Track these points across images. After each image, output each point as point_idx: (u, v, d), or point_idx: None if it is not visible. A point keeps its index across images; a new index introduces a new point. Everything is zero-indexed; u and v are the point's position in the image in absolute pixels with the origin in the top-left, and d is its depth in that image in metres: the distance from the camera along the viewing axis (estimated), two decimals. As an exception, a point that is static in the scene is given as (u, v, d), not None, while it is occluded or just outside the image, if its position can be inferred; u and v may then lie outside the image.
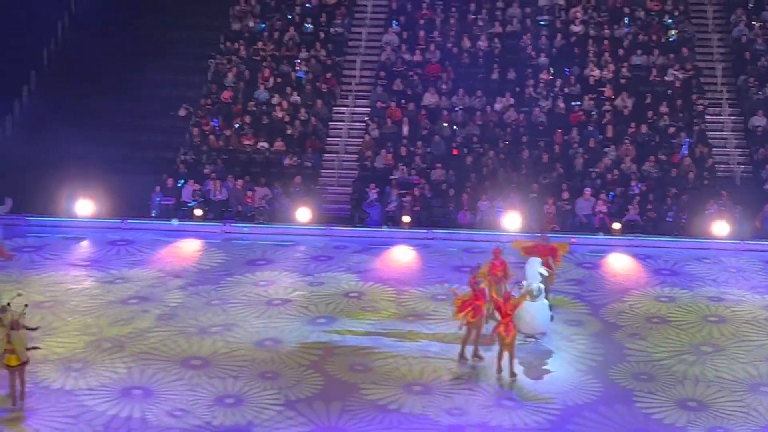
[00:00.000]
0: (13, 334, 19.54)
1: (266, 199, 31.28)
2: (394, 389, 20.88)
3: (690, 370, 21.89)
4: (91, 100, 34.52)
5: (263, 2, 37.76)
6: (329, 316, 24.32)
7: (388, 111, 34.11)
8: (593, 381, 21.52)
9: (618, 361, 22.33)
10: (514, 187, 31.16)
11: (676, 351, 22.80)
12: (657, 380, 21.54)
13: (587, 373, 21.86)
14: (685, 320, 24.40)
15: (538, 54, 35.46)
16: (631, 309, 25.00)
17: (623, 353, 22.72)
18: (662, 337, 23.46)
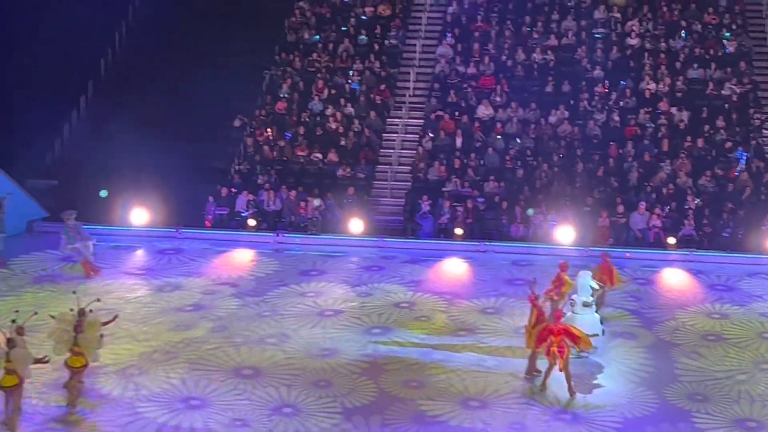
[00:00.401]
0: (80, 337, 19.80)
1: (319, 209, 31.38)
2: (452, 404, 20.73)
3: (744, 388, 21.57)
4: (146, 110, 34.77)
5: (318, 14, 37.96)
6: (383, 326, 24.29)
7: (442, 123, 34.10)
8: (648, 394, 21.24)
9: (671, 378, 22.04)
10: (568, 200, 31.01)
11: (731, 369, 22.48)
12: (712, 399, 21.21)
13: (640, 385, 21.58)
14: (739, 337, 24.07)
15: (593, 67, 35.29)
16: (685, 325, 24.71)
17: (676, 370, 22.44)
18: (718, 354, 23.13)
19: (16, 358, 18.64)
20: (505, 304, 25.74)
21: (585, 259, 28.43)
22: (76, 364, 19.80)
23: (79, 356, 19.73)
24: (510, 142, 33.37)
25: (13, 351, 18.69)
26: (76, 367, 19.82)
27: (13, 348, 18.71)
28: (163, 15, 38.47)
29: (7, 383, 18.69)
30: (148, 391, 20.94)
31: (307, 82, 35.75)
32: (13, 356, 18.63)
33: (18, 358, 18.69)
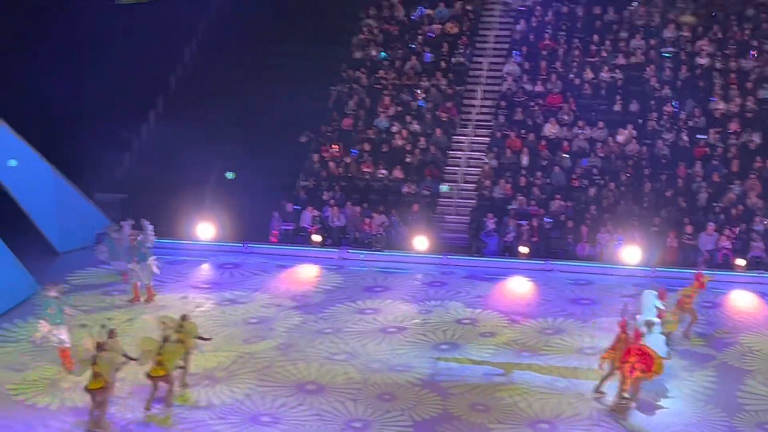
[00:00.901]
0: (167, 346, 20.43)
1: (384, 226, 31.41)
2: (520, 427, 20.60)
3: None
4: (214, 125, 35.15)
5: (386, 31, 38.08)
6: (450, 342, 24.26)
7: (508, 141, 33.98)
8: (713, 419, 20.92)
9: (737, 404, 21.68)
10: (635, 220, 30.71)
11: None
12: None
13: (705, 409, 21.27)
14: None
15: (662, 86, 34.97)
16: (752, 350, 24.31)
17: (742, 395, 22.07)
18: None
19: (102, 362, 19.49)
20: (570, 324, 25.53)
21: (651, 280, 28.26)
22: (158, 372, 20.45)
23: (160, 366, 20.41)
24: (577, 161, 33.16)
25: (100, 355, 19.58)
26: (159, 375, 20.49)
27: (102, 352, 19.60)
28: (232, 31, 38.85)
29: (94, 386, 19.57)
30: (217, 404, 21.06)
31: (373, 98, 35.87)
32: (100, 361, 19.48)
33: (105, 362, 19.55)
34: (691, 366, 23.18)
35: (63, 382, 21.89)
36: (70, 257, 30.00)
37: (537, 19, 37.78)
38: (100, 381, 19.63)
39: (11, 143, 28.88)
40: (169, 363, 20.51)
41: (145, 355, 20.60)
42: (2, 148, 28.66)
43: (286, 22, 38.82)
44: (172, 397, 20.79)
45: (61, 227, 30.45)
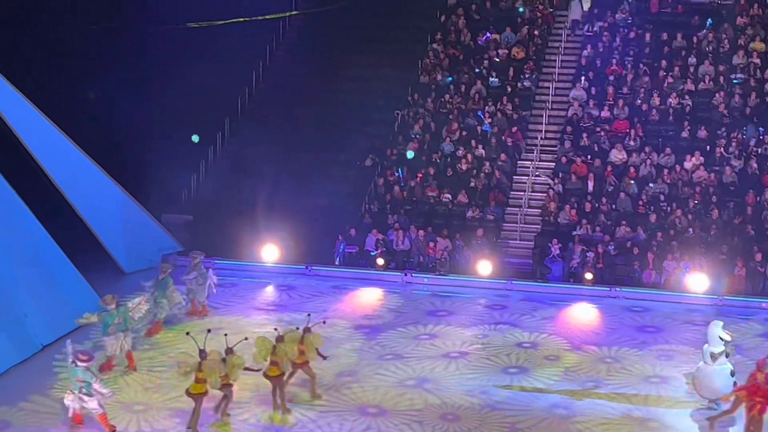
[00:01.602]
0: (279, 347, 21.38)
1: (448, 250, 31.37)
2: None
3: None
4: (280, 148, 35.40)
5: (452, 56, 38.13)
6: (516, 368, 24.15)
7: (573, 166, 33.81)
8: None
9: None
10: (702, 247, 30.35)
11: None
12: None
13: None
14: None
15: (731, 113, 34.60)
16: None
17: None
18: None
19: (207, 369, 20.48)
20: (635, 352, 25.24)
21: (718, 308, 27.93)
22: (274, 372, 21.40)
23: (276, 366, 21.33)
24: (643, 187, 32.88)
25: (205, 362, 20.53)
26: (274, 375, 21.42)
27: (205, 360, 20.55)
28: (298, 56, 39.17)
29: (195, 390, 20.60)
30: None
31: (438, 123, 35.91)
32: (205, 367, 20.48)
33: (209, 369, 20.53)
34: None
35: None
36: (136, 277, 30.26)
37: (604, 45, 37.60)
38: (202, 386, 20.58)
39: (80, 163, 29.27)
40: (283, 364, 21.40)
41: (259, 355, 21.58)
42: (72, 168, 29.07)
43: (353, 46, 39.03)
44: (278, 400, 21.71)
45: (128, 247, 30.79)
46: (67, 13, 32.92)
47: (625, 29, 37.97)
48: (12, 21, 31.65)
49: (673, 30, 37.51)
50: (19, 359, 24.23)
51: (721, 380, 21.75)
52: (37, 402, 22.32)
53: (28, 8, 32.40)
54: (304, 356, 21.92)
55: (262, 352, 21.49)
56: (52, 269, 26.64)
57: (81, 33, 33.04)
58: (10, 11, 31.77)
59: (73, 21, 32.96)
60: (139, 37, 35.44)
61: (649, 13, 38.62)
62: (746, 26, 37.15)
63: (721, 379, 21.75)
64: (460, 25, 39.04)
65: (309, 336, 22.01)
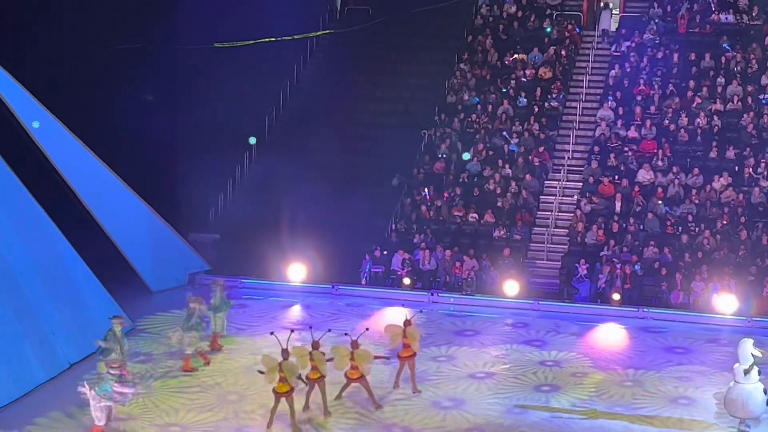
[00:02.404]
0: (356, 353, 22.59)
1: (474, 270, 31.31)
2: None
3: None
4: (306, 168, 35.43)
5: (478, 76, 38.15)
6: (544, 390, 24.02)
7: (601, 186, 33.71)
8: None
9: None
10: (731, 268, 30.15)
11: None
12: None
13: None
14: None
15: (759, 133, 34.42)
16: None
17: None
18: None
19: (287, 367, 21.55)
20: (664, 373, 25.07)
21: (747, 330, 27.70)
22: (354, 375, 22.67)
23: (356, 369, 22.57)
24: (672, 208, 32.73)
25: (285, 363, 21.57)
26: (355, 378, 22.69)
27: (286, 360, 21.60)
28: (325, 76, 39.34)
29: (281, 389, 21.65)
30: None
31: (465, 142, 35.89)
32: (285, 366, 21.55)
33: (289, 368, 21.60)
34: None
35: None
36: (163, 296, 30.40)
37: (631, 65, 37.53)
38: (286, 385, 21.56)
39: (108, 181, 29.43)
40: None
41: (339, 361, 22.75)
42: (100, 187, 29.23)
43: (380, 66, 39.14)
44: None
45: (155, 266, 30.90)
46: (96, 34, 33.14)
47: (653, 49, 37.90)
48: (41, 42, 31.90)
49: (701, 50, 37.40)
50: (47, 377, 24.33)
51: (754, 399, 21.54)
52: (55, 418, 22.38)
53: (58, 29, 32.66)
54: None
55: (344, 358, 22.61)
56: (79, 287, 26.76)
57: (110, 53, 33.28)
58: (39, 32, 32.04)
59: (102, 41, 33.18)
60: (168, 57, 35.66)
61: (676, 33, 38.53)
62: (775, 46, 37.04)
63: (754, 398, 21.54)
64: (487, 45, 39.07)
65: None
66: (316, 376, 22.28)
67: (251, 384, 23.83)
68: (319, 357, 22.28)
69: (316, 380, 22.33)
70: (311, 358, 22.21)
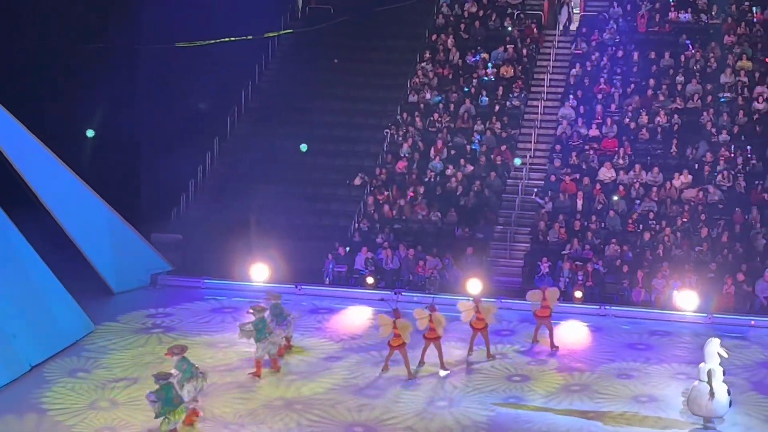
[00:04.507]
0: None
1: (437, 269, 31.37)
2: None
3: None
4: (269, 168, 35.45)
5: (440, 75, 38.24)
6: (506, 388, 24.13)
7: (563, 185, 33.88)
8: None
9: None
10: (692, 265, 30.41)
11: None
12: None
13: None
14: None
15: (719, 131, 34.73)
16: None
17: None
18: None
19: (401, 325, 24.33)
20: (624, 370, 25.24)
21: (707, 326, 27.97)
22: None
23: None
24: (632, 205, 32.96)
25: (398, 321, 24.39)
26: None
27: (399, 318, 24.45)
28: (287, 76, 39.23)
29: (395, 343, 24.49)
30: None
31: (427, 141, 35.97)
32: (399, 324, 24.32)
33: (402, 325, 24.40)
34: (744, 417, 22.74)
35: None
36: (125, 297, 30.26)
37: (592, 64, 37.76)
38: (400, 339, 24.30)
39: (69, 182, 29.23)
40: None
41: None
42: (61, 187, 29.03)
43: (342, 65, 39.12)
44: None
45: (117, 267, 30.71)
46: (58, 34, 32.95)
47: (613, 48, 38.17)
48: (1, 42, 31.66)
49: (661, 49, 37.69)
50: (8, 379, 24.14)
51: (718, 399, 21.64)
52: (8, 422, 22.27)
53: (19, 30, 32.44)
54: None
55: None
56: (41, 289, 26.54)
57: (71, 52, 33.08)
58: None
59: (63, 41, 32.98)
60: (129, 57, 35.47)
61: (636, 32, 38.85)
62: (733, 45, 37.34)
63: (718, 398, 21.65)
64: (449, 44, 39.17)
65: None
66: (433, 336, 24.80)
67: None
68: (437, 318, 24.80)
69: (432, 339, 24.81)
70: (430, 320, 24.68)
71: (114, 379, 24.28)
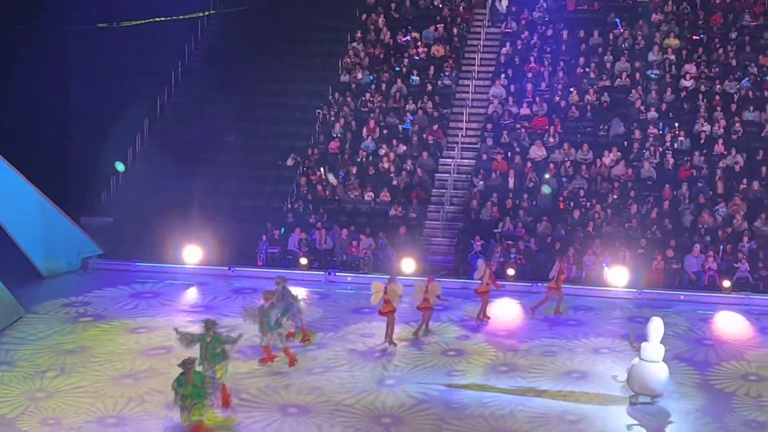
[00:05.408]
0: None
1: (371, 249, 31.43)
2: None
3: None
4: (200, 149, 35.21)
5: (372, 55, 38.20)
6: (440, 365, 24.20)
7: (494, 163, 34.08)
8: None
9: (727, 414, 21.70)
10: (622, 242, 30.78)
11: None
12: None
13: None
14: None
15: (647, 109, 35.14)
16: (737, 369, 24.31)
17: (732, 410, 22.06)
18: None
19: (391, 292, 24.94)
20: (556, 346, 25.51)
21: (637, 302, 28.34)
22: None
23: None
24: (563, 183, 33.25)
25: (390, 286, 24.96)
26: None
27: (392, 283, 25.06)
28: (218, 55, 38.97)
29: (385, 310, 25.12)
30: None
31: (359, 122, 35.95)
32: (390, 290, 24.93)
33: (392, 292, 25.02)
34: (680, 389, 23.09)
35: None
36: (55, 282, 29.92)
37: (522, 42, 37.96)
38: (390, 306, 24.88)
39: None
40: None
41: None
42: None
43: (272, 46, 38.92)
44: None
45: (47, 251, 30.36)
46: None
47: (543, 27, 38.40)
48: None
49: (590, 27, 38.00)
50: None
51: (659, 376, 21.86)
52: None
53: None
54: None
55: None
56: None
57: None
58: None
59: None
60: (57, 38, 34.97)
61: (565, 10, 39.12)
62: (661, 23, 37.77)
63: (659, 375, 21.86)
64: (380, 24, 39.13)
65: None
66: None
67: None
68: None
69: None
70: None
71: (41, 370, 23.88)
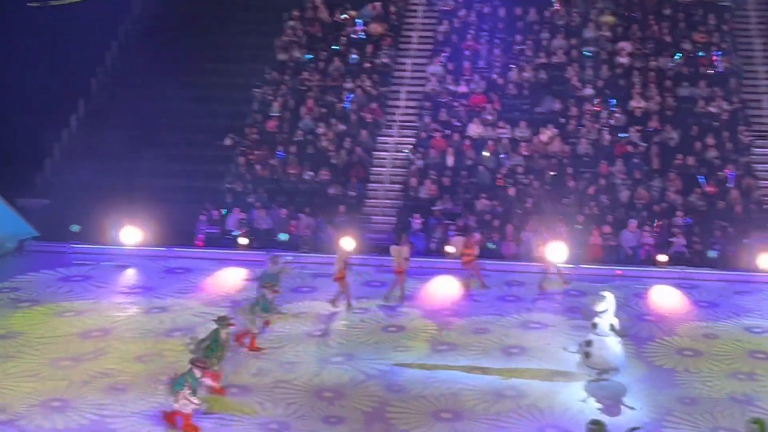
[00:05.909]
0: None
1: (310, 228, 31.40)
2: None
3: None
4: (137, 129, 34.88)
5: (309, 33, 38.06)
6: (380, 343, 24.26)
7: (433, 141, 34.18)
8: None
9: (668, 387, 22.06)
10: (559, 218, 31.06)
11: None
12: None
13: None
14: (725, 353, 23.98)
15: (583, 85, 35.42)
16: (674, 342, 24.68)
17: (673, 383, 22.38)
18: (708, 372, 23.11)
19: (338, 261, 26.32)
20: (495, 322, 25.71)
21: (575, 277, 28.64)
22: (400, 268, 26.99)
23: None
24: (501, 160, 33.45)
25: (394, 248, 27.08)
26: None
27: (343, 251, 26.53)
28: (153, 34, 38.62)
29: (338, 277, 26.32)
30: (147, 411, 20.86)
31: (298, 100, 35.84)
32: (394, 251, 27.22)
33: (339, 260, 26.23)
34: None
35: None
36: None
37: (460, 20, 38.04)
38: (341, 273, 26.09)
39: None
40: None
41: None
42: None
43: (208, 25, 38.64)
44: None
45: (-19, 234, 30.01)
46: None
47: (480, 4, 38.49)
48: None
49: (527, 5, 38.18)
50: None
51: (614, 351, 22.01)
52: None
53: None
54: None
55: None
56: None
57: None
58: None
59: None
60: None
61: (503, -13, 39.26)
62: (596, 0, 38.05)
63: (614, 350, 22.02)
64: (317, 2, 38.97)
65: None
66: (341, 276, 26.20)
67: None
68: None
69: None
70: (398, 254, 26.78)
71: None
